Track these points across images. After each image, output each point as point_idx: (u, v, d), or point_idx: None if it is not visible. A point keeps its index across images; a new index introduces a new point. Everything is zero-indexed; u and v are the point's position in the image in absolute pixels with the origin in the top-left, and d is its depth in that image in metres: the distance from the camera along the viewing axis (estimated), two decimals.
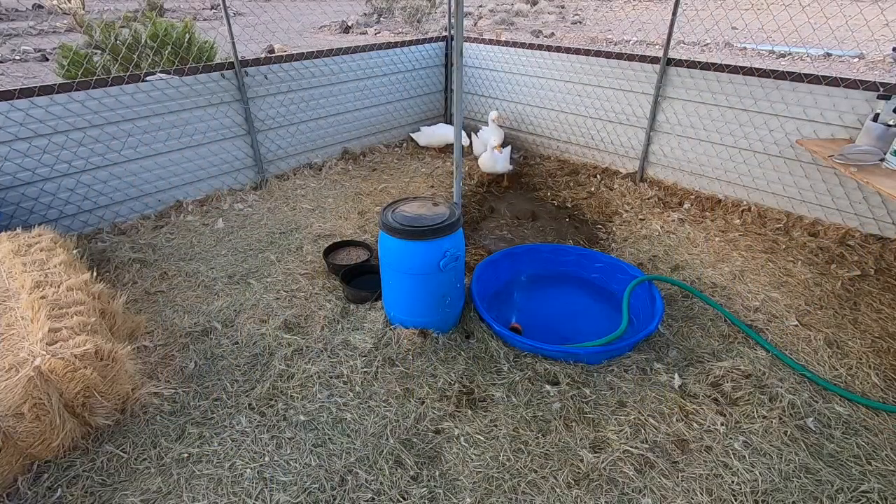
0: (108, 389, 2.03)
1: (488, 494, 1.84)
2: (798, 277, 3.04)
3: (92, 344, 1.95)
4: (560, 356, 2.38)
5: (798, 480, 1.89)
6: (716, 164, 3.94)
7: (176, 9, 15.14)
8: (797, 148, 3.50)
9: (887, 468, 1.93)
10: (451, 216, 2.40)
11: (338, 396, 2.24)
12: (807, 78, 3.37)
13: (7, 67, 9.20)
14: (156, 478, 1.90)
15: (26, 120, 3.11)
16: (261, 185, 4.25)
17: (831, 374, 2.37)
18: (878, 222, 3.36)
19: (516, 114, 5.09)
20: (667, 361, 2.43)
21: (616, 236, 3.58)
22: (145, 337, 2.56)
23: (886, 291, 2.91)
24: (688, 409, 2.17)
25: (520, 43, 4.86)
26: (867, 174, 2.71)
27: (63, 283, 2.25)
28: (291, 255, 3.31)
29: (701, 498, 1.82)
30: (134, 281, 3.02)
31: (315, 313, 2.76)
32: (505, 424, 2.11)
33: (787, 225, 3.58)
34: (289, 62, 4.18)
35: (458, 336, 2.59)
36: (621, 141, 4.42)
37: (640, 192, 4.11)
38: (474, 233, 3.69)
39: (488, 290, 2.92)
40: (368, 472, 1.91)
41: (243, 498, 1.83)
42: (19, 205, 3.21)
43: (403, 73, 5.06)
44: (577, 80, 4.50)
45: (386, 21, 15.94)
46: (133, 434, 2.06)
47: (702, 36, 11.38)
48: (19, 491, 1.83)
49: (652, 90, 4.02)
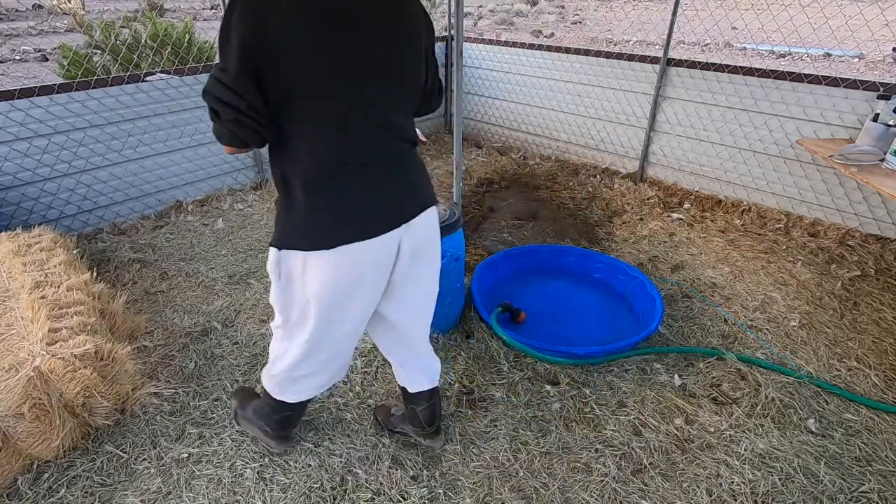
0: (108, 389, 2.03)
1: (489, 494, 1.84)
2: (798, 278, 3.04)
3: (92, 344, 1.95)
4: (566, 359, 2.38)
5: (798, 481, 1.89)
6: (716, 164, 3.94)
7: (176, 9, 15.14)
8: (797, 148, 3.50)
9: (888, 469, 1.93)
10: (451, 216, 2.40)
11: (338, 396, 2.24)
12: (807, 78, 3.37)
13: (7, 67, 9.20)
14: (156, 478, 1.90)
15: (26, 120, 3.11)
16: (261, 185, 4.25)
17: (831, 374, 2.37)
18: (878, 222, 3.36)
19: (516, 114, 5.10)
20: (667, 361, 2.43)
21: (616, 236, 3.58)
22: (145, 337, 2.56)
23: (886, 291, 2.91)
24: (688, 409, 2.17)
25: (520, 43, 4.86)
26: (867, 174, 2.71)
27: (63, 283, 2.25)
28: None
29: (701, 498, 1.82)
30: (134, 281, 3.02)
31: None
32: (505, 424, 2.11)
33: (786, 225, 3.58)
34: None
35: (458, 336, 2.59)
36: (621, 141, 4.42)
37: (640, 192, 4.11)
38: (474, 233, 3.69)
39: (488, 291, 2.92)
40: (368, 473, 1.91)
41: (243, 498, 1.83)
42: (19, 205, 3.21)
43: None
44: (577, 80, 4.50)
45: None
46: (133, 434, 2.06)
47: (702, 36, 11.38)
48: (19, 491, 1.83)
49: (652, 90, 4.02)
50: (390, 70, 1.33)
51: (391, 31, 1.31)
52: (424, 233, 1.54)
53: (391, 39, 1.31)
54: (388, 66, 1.32)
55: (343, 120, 1.31)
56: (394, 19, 1.31)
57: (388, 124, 1.38)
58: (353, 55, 1.25)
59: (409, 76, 1.40)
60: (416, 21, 1.37)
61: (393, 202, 1.44)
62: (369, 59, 1.28)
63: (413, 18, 1.36)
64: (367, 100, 1.32)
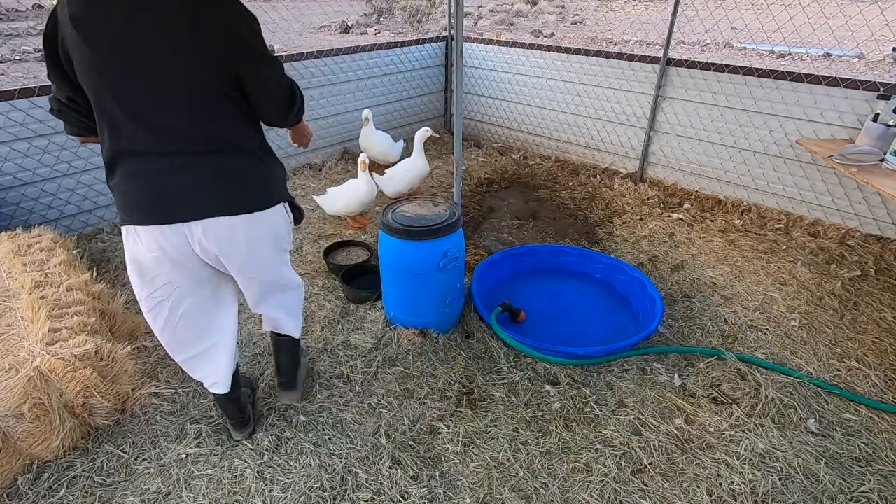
0: (108, 389, 2.03)
1: (489, 494, 1.84)
2: (798, 278, 3.04)
3: (92, 344, 1.95)
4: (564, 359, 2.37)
5: (798, 481, 1.89)
6: (716, 164, 3.94)
7: None
8: (797, 148, 3.50)
9: (888, 469, 1.93)
10: (451, 216, 2.40)
11: (338, 396, 2.24)
12: (807, 78, 3.37)
13: (7, 67, 9.20)
14: (156, 478, 1.90)
15: (26, 120, 3.11)
16: None
17: (831, 374, 2.37)
18: (878, 222, 3.36)
19: (516, 114, 5.10)
20: (667, 361, 2.43)
21: (616, 237, 3.58)
22: (145, 337, 2.56)
23: (886, 291, 2.91)
24: (688, 409, 2.17)
25: (520, 43, 4.86)
26: (867, 174, 2.71)
27: (63, 283, 2.25)
28: (291, 255, 3.31)
29: (701, 498, 1.82)
30: None
31: (315, 313, 2.76)
32: (505, 424, 2.11)
33: (787, 225, 3.58)
34: (289, 62, 4.18)
35: (458, 336, 2.59)
36: (621, 141, 4.42)
37: (640, 192, 4.11)
38: (474, 233, 3.69)
39: (488, 291, 2.93)
40: (368, 473, 1.91)
41: (243, 498, 1.83)
42: (19, 205, 3.21)
43: (403, 73, 5.06)
44: (577, 80, 4.50)
45: (386, 21, 15.94)
46: (133, 434, 2.06)
47: (702, 36, 11.38)
48: (19, 491, 1.84)
49: (652, 90, 4.02)
50: (145, 69, 1.37)
51: (151, 33, 1.34)
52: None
53: (151, 40, 1.34)
54: (142, 64, 1.37)
55: (112, 117, 1.42)
56: (160, 19, 1.34)
57: (156, 124, 1.43)
58: (106, 54, 1.34)
59: (175, 77, 1.40)
60: (199, 24, 1.38)
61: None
62: (119, 57, 1.35)
63: (197, 22, 1.37)
64: (120, 95, 1.39)
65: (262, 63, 1.51)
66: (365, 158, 3.44)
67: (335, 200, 3.51)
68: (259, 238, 1.66)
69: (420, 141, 3.82)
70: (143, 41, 1.34)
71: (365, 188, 3.45)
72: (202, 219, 1.53)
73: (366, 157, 3.45)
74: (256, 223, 1.62)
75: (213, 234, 1.56)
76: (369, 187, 3.47)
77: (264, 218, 1.64)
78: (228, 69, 1.45)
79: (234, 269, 1.69)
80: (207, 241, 1.56)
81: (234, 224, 1.57)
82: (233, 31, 1.43)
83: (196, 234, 1.55)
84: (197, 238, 1.55)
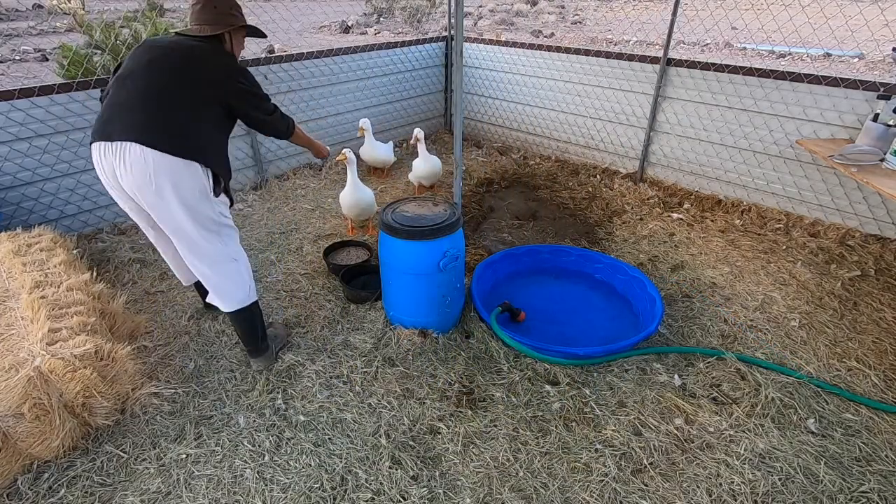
0: (108, 389, 2.03)
1: (489, 494, 1.84)
2: (798, 278, 3.04)
3: (92, 344, 1.95)
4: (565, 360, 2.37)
5: (798, 481, 1.89)
6: (716, 164, 3.94)
7: (176, 9, 15.12)
8: (797, 148, 3.50)
9: (888, 469, 1.93)
10: (451, 216, 2.40)
11: (338, 396, 2.24)
12: (807, 78, 3.37)
13: (7, 67, 9.20)
14: (155, 478, 1.90)
15: (26, 120, 3.11)
16: (261, 185, 4.25)
17: (831, 374, 2.37)
18: (878, 222, 3.36)
19: (516, 114, 5.10)
20: (667, 361, 2.43)
21: (616, 237, 3.58)
22: (145, 337, 2.56)
23: (886, 291, 2.90)
24: (688, 409, 2.17)
25: (520, 43, 4.86)
26: (867, 174, 2.71)
27: (63, 283, 2.25)
28: (291, 255, 3.31)
29: (701, 498, 1.82)
30: (134, 281, 3.02)
31: (315, 313, 2.76)
32: (505, 424, 2.11)
33: (786, 225, 3.58)
34: (289, 62, 4.18)
35: (458, 336, 2.59)
36: (621, 141, 4.42)
37: (640, 192, 4.11)
38: (474, 233, 3.69)
39: (488, 291, 2.92)
40: (368, 473, 1.91)
41: (243, 498, 1.83)
42: (19, 205, 3.21)
43: (403, 73, 5.06)
44: (577, 80, 4.50)
45: (386, 21, 15.93)
46: (133, 434, 2.06)
47: (702, 36, 11.38)
48: (19, 491, 1.83)
49: (652, 90, 4.02)
50: (150, 84, 1.88)
51: (166, 74, 1.89)
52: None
53: (163, 75, 1.89)
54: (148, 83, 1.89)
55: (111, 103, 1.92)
56: (172, 67, 1.91)
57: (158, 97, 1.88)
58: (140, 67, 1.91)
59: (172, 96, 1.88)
60: (202, 77, 1.92)
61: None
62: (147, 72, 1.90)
63: (201, 74, 1.92)
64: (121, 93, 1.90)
65: (252, 109, 2.07)
66: (347, 153, 3.29)
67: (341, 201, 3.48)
68: (167, 184, 1.84)
69: (421, 143, 3.98)
70: (155, 75, 1.89)
71: (350, 193, 3.33)
72: (121, 140, 1.79)
73: (347, 152, 3.30)
74: (167, 166, 1.82)
75: (130, 160, 1.80)
76: (354, 192, 3.33)
77: (176, 166, 1.83)
78: (222, 108, 1.99)
79: (152, 213, 1.92)
80: (126, 167, 1.82)
81: (146, 155, 1.79)
82: (231, 87, 1.98)
83: (118, 159, 1.82)
84: (118, 165, 1.82)
